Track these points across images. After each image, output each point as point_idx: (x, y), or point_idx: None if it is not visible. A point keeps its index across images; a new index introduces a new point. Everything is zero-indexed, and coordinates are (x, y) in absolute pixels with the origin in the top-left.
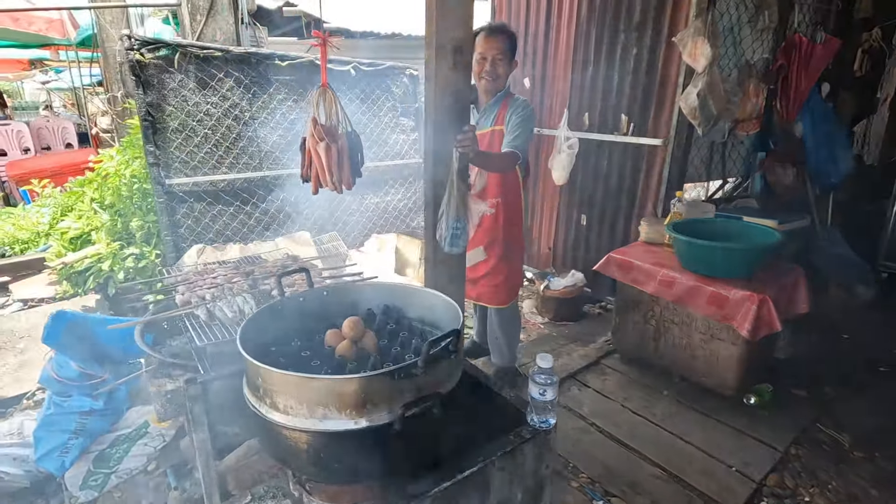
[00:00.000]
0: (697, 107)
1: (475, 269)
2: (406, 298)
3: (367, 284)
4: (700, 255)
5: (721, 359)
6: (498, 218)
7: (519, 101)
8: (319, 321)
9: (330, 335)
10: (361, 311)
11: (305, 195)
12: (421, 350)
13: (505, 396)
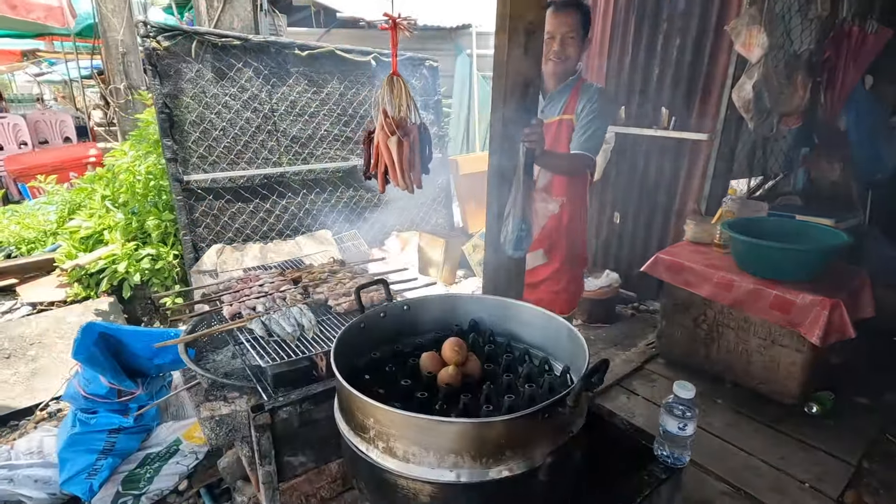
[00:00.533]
0: (752, 100)
1: (534, 273)
2: (495, 312)
3: (451, 297)
4: (762, 257)
5: (782, 365)
6: (562, 219)
7: (593, 88)
8: (404, 339)
9: (427, 359)
10: (447, 326)
11: (325, 191)
12: (542, 381)
13: (620, 426)
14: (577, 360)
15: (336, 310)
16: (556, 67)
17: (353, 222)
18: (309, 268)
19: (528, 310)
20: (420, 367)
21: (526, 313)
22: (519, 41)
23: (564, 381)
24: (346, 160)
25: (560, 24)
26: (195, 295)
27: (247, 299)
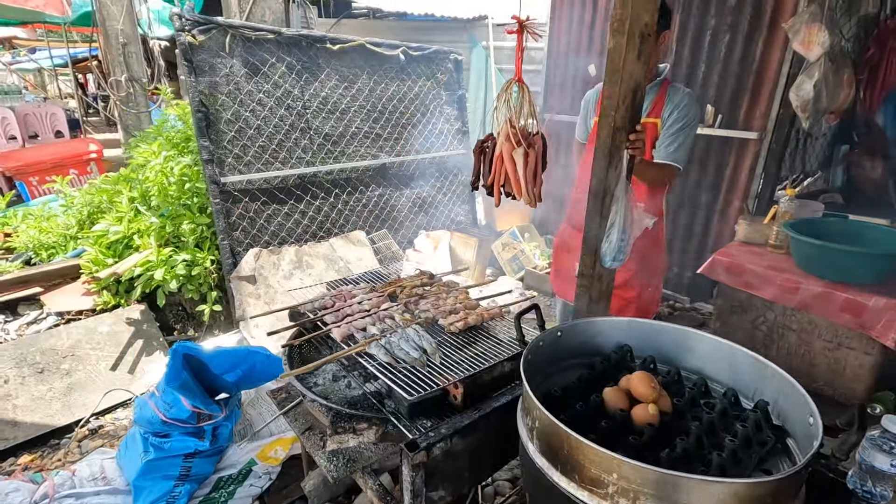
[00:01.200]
0: (812, 99)
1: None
2: (649, 337)
3: (597, 323)
4: (832, 260)
5: (849, 368)
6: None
7: (682, 92)
8: (567, 369)
9: (613, 395)
10: (594, 352)
11: (357, 190)
12: (747, 420)
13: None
14: (769, 392)
15: (449, 329)
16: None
17: (384, 222)
18: (399, 282)
19: (702, 337)
20: (604, 402)
21: (692, 339)
22: (634, 45)
23: (766, 416)
24: (375, 158)
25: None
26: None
27: (352, 319)
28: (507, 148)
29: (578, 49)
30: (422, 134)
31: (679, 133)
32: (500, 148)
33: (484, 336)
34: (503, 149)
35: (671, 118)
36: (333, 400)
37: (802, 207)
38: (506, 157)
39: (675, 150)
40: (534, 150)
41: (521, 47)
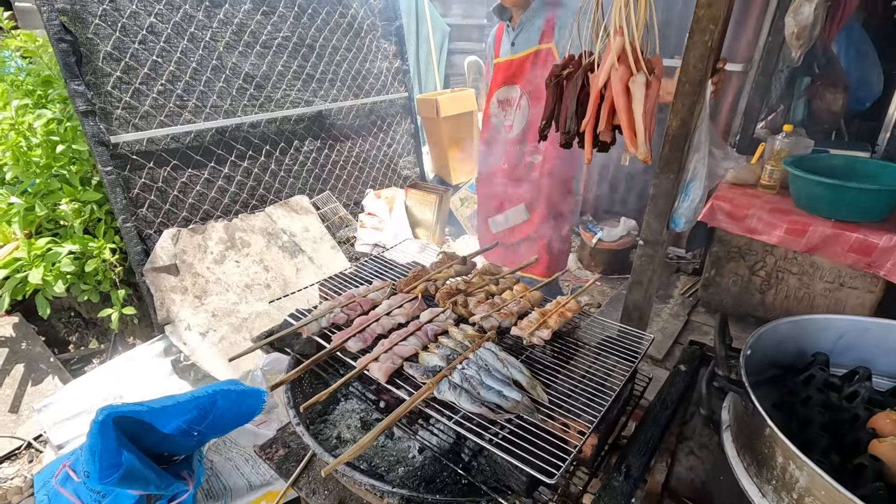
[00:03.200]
0: (810, 25)
1: (513, 232)
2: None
3: (802, 322)
4: (841, 199)
5: (850, 307)
6: (543, 167)
7: (576, 4)
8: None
9: (889, 451)
10: (786, 364)
11: (291, 145)
12: None
13: None
14: None
15: (530, 342)
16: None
17: (325, 182)
18: (424, 273)
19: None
20: (880, 458)
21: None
22: None
23: None
24: (309, 104)
25: None
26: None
27: (390, 343)
28: (623, 74)
29: None
30: (359, 74)
31: None
32: (605, 74)
33: (571, 343)
34: (614, 76)
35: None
36: (383, 469)
37: (797, 144)
38: (617, 88)
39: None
40: (657, 78)
41: None
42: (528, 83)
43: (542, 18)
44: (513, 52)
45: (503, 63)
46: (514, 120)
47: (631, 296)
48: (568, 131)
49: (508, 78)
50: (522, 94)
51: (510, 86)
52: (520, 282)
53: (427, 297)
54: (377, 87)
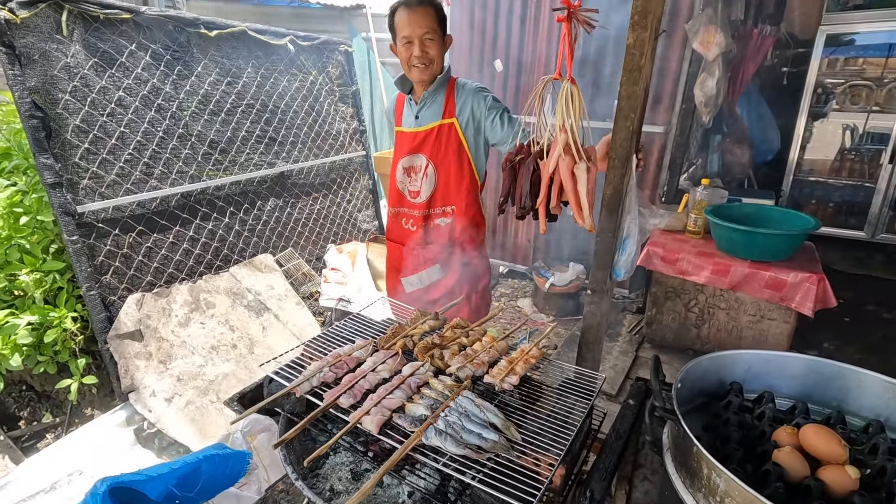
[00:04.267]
0: (714, 95)
1: (429, 291)
2: (792, 374)
3: (719, 357)
4: (754, 242)
5: (771, 336)
6: (455, 227)
7: (473, 86)
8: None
9: (790, 458)
10: (709, 393)
11: (254, 206)
12: None
13: None
14: None
15: (501, 388)
16: (423, 74)
17: (288, 239)
18: (401, 330)
19: (834, 367)
20: (780, 464)
21: (850, 376)
22: (652, 40)
23: None
24: (272, 166)
25: (417, 25)
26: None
27: (379, 397)
28: (569, 163)
29: (483, 42)
30: (319, 135)
31: (512, 123)
32: (553, 163)
33: (536, 385)
34: (561, 164)
35: (491, 115)
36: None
37: (713, 195)
38: (565, 174)
39: (518, 137)
40: (594, 164)
41: (570, 39)
42: (434, 153)
43: (442, 96)
44: (417, 125)
45: (408, 133)
46: (421, 186)
47: (584, 339)
48: (524, 207)
49: (414, 148)
50: (428, 162)
51: (415, 154)
52: (487, 332)
53: (406, 353)
54: (336, 146)
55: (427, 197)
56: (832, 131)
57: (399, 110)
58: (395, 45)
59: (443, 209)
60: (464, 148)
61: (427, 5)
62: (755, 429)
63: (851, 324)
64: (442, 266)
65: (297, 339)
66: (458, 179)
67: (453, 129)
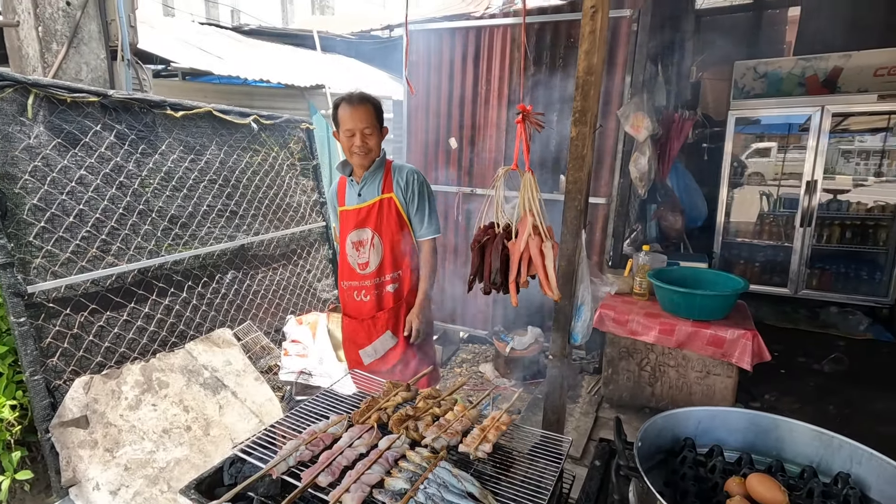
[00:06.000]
0: (647, 171)
1: (385, 360)
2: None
3: (673, 416)
4: (695, 303)
5: (717, 391)
6: (402, 291)
7: (407, 168)
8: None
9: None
10: (665, 449)
11: (213, 279)
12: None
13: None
14: (838, 463)
15: (475, 456)
16: (363, 160)
17: (247, 312)
18: (374, 403)
19: (774, 421)
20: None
21: (784, 427)
22: (591, 133)
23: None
24: (232, 239)
25: (358, 120)
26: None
27: (357, 474)
28: (537, 242)
29: (439, 122)
30: (280, 208)
31: (430, 209)
32: (524, 243)
33: (508, 451)
34: (531, 243)
35: (416, 197)
36: None
37: (654, 259)
38: (535, 252)
39: (432, 223)
40: (556, 242)
41: (525, 136)
42: (377, 225)
43: (381, 175)
44: (360, 202)
45: (353, 210)
46: (369, 257)
47: (548, 402)
48: (494, 283)
49: (359, 222)
50: (374, 234)
51: (362, 229)
52: (458, 402)
53: (381, 426)
54: (296, 218)
55: (376, 266)
56: (750, 199)
57: (342, 192)
58: (339, 134)
59: (392, 275)
60: (403, 218)
61: (367, 103)
62: (709, 481)
63: (787, 376)
64: (393, 333)
65: (255, 417)
66: (401, 247)
67: (392, 202)
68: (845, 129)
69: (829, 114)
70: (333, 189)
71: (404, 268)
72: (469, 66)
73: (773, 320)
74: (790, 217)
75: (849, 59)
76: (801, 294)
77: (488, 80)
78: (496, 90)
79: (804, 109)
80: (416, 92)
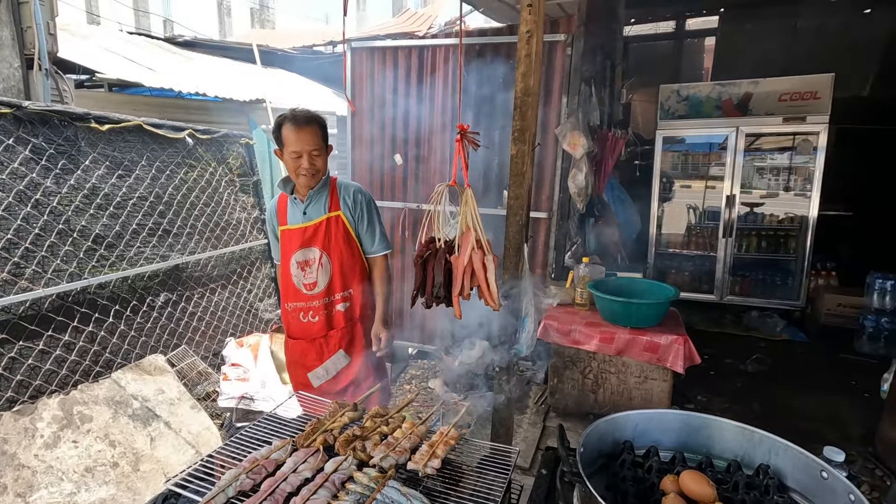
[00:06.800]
0: (584, 187)
1: (337, 381)
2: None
3: (613, 420)
4: (633, 312)
5: (655, 394)
6: (354, 310)
7: (354, 186)
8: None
9: (673, 503)
10: (607, 454)
11: (144, 302)
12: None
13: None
14: (759, 455)
15: (425, 473)
16: (310, 181)
17: (182, 336)
18: (319, 425)
19: (699, 419)
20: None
21: (713, 425)
22: (531, 150)
23: (781, 483)
24: (165, 259)
25: (305, 143)
26: None
27: (301, 500)
28: (480, 256)
29: (383, 139)
30: (217, 226)
31: (378, 225)
32: (466, 257)
33: (457, 466)
34: (474, 257)
35: (364, 216)
36: None
37: (594, 271)
38: (478, 265)
39: (382, 238)
40: (495, 255)
41: (464, 154)
42: (326, 244)
43: (326, 193)
44: (306, 220)
45: (297, 229)
46: (317, 277)
47: (496, 415)
48: (437, 297)
49: (305, 241)
50: (322, 253)
51: (308, 248)
52: (407, 419)
53: (327, 448)
54: (236, 236)
55: (325, 286)
56: (679, 212)
57: (283, 210)
58: (282, 153)
59: (342, 294)
60: (351, 235)
61: (313, 124)
62: (646, 481)
63: (716, 377)
64: (346, 352)
65: (192, 448)
66: (351, 265)
67: (340, 220)
68: (758, 148)
69: (743, 134)
70: (272, 207)
71: (355, 287)
72: (413, 84)
73: (702, 325)
74: (714, 229)
75: (757, 85)
76: (727, 300)
77: (432, 98)
78: (440, 108)
79: (722, 130)
80: (361, 109)
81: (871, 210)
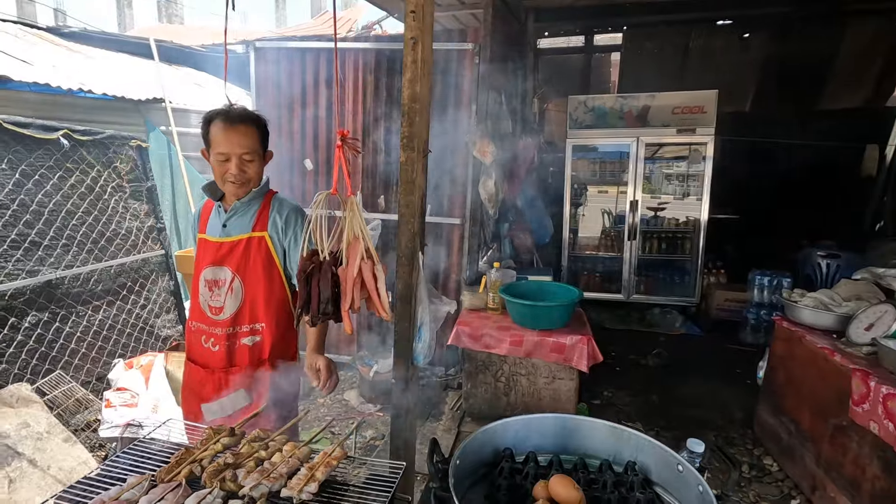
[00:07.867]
0: (494, 193)
1: (232, 420)
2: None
3: (491, 429)
4: (540, 314)
5: (562, 393)
6: (264, 347)
7: (291, 206)
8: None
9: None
10: (487, 462)
11: (6, 325)
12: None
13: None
14: (627, 453)
15: (300, 499)
16: (238, 190)
17: (56, 362)
18: (188, 454)
19: (584, 422)
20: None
21: (581, 428)
22: (421, 157)
23: (647, 479)
24: (33, 274)
25: (235, 144)
26: None
27: None
28: (370, 265)
29: (292, 143)
30: (102, 236)
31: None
32: (356, 268)
33: (340, 487)
34: (364, 267)
35: (294, 239)
36: None
37: (504, 275)
38: (368, 276)
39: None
40: (384, 264)
41: (345, 161)
42: (240, 267)
43: (256, 208)
44: (224, 235)
45: (213, 243)
46: (224, 302)
47: (394, 426)
48: (325, 312)
49: (218, 259)
50: (234, 276)
51: (219, 267)
52: (289, 441)
53: (194, 481)
54: (126, 247)
55: (231, 314)
56: (593, 216)
57: (205, 216)
58: (208, 154)
59: (251, 327)
60: (274, 262)
61: (249, 123)
62: (522, 488)
63: (621, 372)
64: (248, 391)
65: (62, 486)
66: (267, 295)
67: (263, 242)
68: (660, 157)
69: (643, 144)
70: (196, 211)
71: (268, 321)
72: (322, 88)
73: (611, 323)
74: (621, 232)
75: (654, 99)
76: (633, 299)
77: (342, 102)
78: (350, 112)
79: (624, 140)
80: (268, 112)
81: (753, 214)
